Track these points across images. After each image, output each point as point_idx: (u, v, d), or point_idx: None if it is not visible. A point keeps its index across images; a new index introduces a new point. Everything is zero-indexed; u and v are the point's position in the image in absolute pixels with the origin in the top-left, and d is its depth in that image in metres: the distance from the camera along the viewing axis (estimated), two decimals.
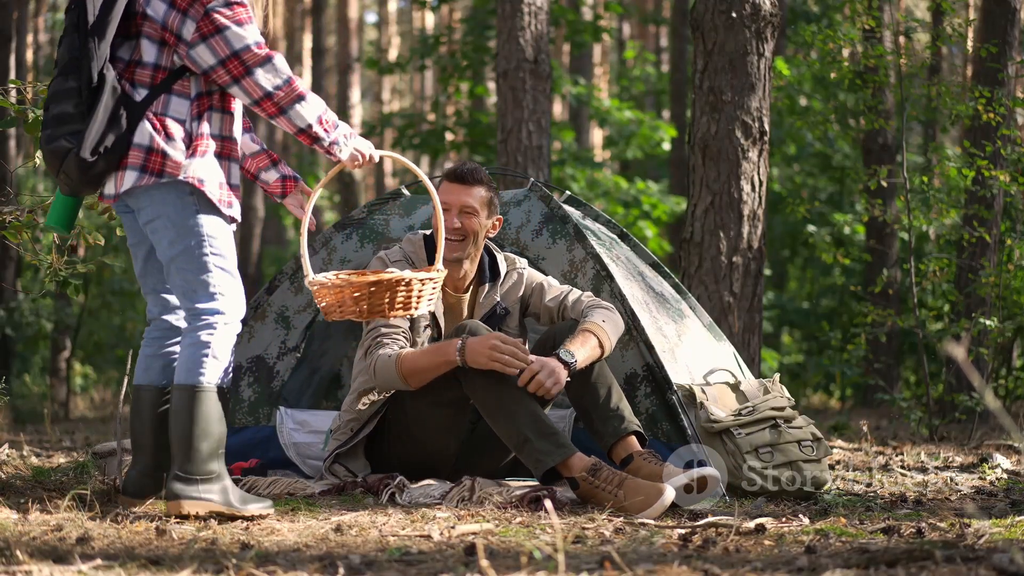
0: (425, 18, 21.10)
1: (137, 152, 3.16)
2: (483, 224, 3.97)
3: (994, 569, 2.30)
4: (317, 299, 3.44)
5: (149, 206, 3.22)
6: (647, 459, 3.59)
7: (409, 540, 2.89)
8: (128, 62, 3.21)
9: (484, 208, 3.97)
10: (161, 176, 3.17)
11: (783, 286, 15.17)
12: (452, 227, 3.91)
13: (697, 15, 5.66)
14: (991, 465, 4.69)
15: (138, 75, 3.20)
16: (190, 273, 3.23)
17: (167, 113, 3.20)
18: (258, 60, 3.18)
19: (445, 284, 4.01)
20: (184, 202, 3.21)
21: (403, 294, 3.39)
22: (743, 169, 5.58)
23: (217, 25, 3.15)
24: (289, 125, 3.23)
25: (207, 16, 3.15)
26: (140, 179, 3.17)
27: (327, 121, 3.26)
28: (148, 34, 3.21)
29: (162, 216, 3.21)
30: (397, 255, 4.02)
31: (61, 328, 10.29)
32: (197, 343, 3.22)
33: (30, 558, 2.46)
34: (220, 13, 3.15)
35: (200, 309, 3.23)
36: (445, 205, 3.94)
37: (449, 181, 4.00)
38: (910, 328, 6.96)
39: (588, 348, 3.73)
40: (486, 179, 4.02)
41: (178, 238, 3.22)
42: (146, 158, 3.16)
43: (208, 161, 3.23)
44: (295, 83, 3.21)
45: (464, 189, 3.96)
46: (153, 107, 3.19)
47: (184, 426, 3.22)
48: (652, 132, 12.83)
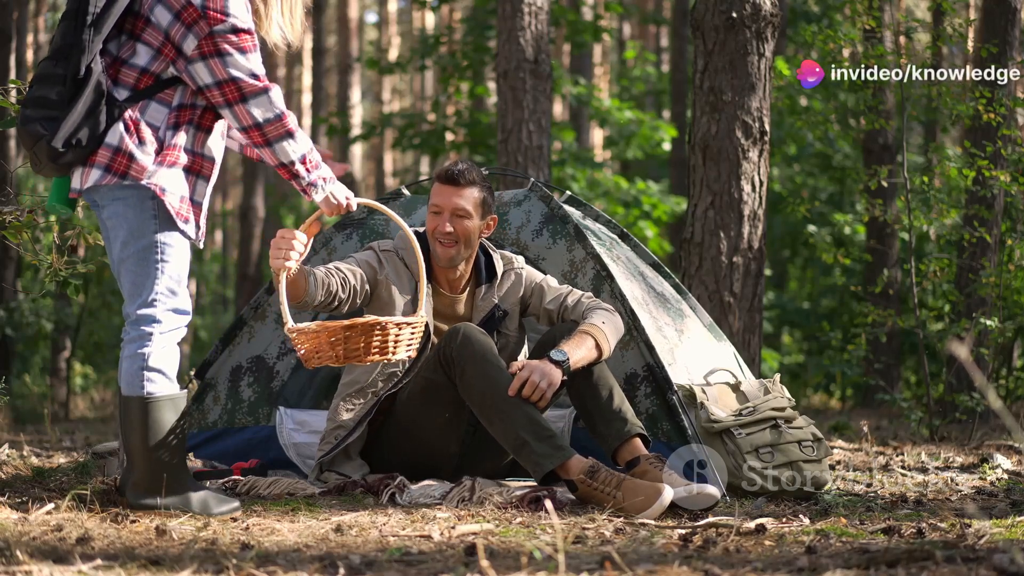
0: (425, 18, 21.10)
1: (105, 151, 3.15)
2: (476, 226, 3.90)
3: (995, 569, 2.30)
4: (296, 346, 3.36)
5: (110, 204, 3.21)
6: (653, 463, 3.56)
7: (409, 540, 2.89)
8: (115, 58, 3.19)
9: (477, 209, 3.89)
10: (124, 178, 3.16)
11: (783, 286, 15.18)
12: (444, 231, 3.84)
13: (697, 15, 5.66)
14: (992, 465, 4.69)
15: (123, 74, 3.19)
16: (136, 276, 3.21)
17: (143, 117, 3.18)
18: (254, 90, 3.18)
19: (440, 284, 3.98)
20: (143, 206, 3.19)
21: (379, 339, 3.32)
22: (743, 169, 5.58)
23: (219, 49, 3.16)
24: (272, 158, 3.24)
25: (211, 37, 3.15)
26: (103, 178, 3.16)
27: (310, 161, 3.27)
28: (146, 39, 3.19)
29: (119, 216, 3.20)
30: (388, 245, 3.97)
31: (61, 328, 10.29)
32: (134, 355, 3.21)
33: (30, 558, 2.46)
34: (225, 39, 3.16)
35: (138, 316, 3.22)
36: (436, 208, 3.87)
37: (440, 182, 3.89)
38: (910, 328, 6.95)
39: (584, 349, 3.70)
40: (479, 178, 3.92)
41: (130, 240, 3.20)
42: (112, 158, 3.15)
43: (175, 173, 3.21)
44: (287, 119, 3.22)
45: (456, 191, 3.87)
46: (131, 110, 3.18)
47: (137, 436, 3.21)
48: (652, 132, 12.83)
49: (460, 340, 3.65)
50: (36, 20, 15.88)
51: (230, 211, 21.59)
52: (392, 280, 3.89)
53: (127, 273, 3.23)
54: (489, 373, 3.58)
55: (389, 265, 3.91)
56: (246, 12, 3.21)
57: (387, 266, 3.90)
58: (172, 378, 3.25)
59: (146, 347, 3.20)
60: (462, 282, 3.99)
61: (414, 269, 3.90)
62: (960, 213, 7.49)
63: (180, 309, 3.26)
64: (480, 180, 3.91)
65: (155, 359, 3.21)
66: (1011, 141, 6.84)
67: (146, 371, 3.20)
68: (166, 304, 3.22)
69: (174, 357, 3.26)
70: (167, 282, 3.22)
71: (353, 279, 3.80)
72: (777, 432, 3.86)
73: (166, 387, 3.23)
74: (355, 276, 3.81)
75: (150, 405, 3.20)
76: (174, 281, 3.23)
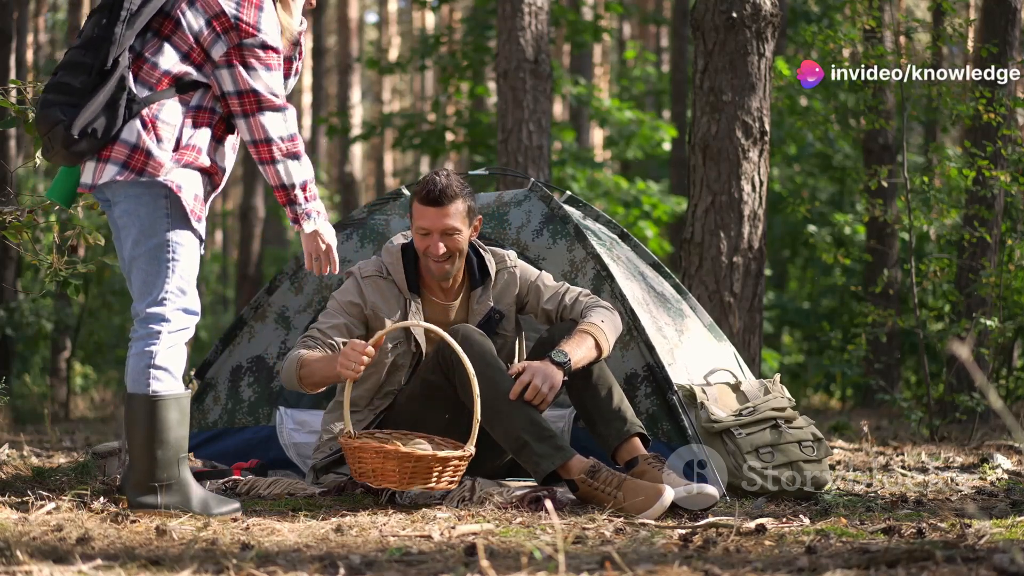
0: (425, 18, 21.10)
1: (122, 148, 3.17)
2: (466, 235, 3.82)
3: (995, 569, 2.30)
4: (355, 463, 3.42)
5: (123, 201, 3.22)
6: (652, 463, 3.56)
7: (409, 540, 2.89)
8: (139, 55, 3.22)
9: (465, 221, 3.79)
10: (141, 175, 3.18)
11: (784, 286, 15.17)
12: (437, 253, 3.76)
13: (698, 15, 5.65)
14: (992, 465, 4.69)
15: (144, 72, 3.21)
16: (147, 274, 3.22)
17: (160, 116, 3.20)
18: (272, 106, 3.24)
19: (433, 293, 3.92)
20: (157, 204, 3.20)
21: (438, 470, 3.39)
22: (743, 169, 5.58)
23: (246, 61, 3.22)
24: (274, 177, 3.27)
25: (240, 48, 3.21)
26: (120, 174, 3.18)
27: (310, 190, 3.31)
28: (175, 42, 3.22)
29: (132, 214, 3.22)
30: (369, 269, 3.89)
31: (61, 328, 10.28)
32: (141, 353, 3.22)
33: (30, 558, 2.46)
34: (253, 52, 3.22)
35: (148, 314, 3.22)
36: (424, 230, 3.77)
37: (423, 204, 3.75)
38: (911, 328, 6.95)
39: (584, 349, 3.69)
40: (459, 188, 3.78)
41: (142, 238, 3.22)
42: (130, 155, 3.17)
43: (190, 172, 3.23)
44: (297, 140, 3.27)
45: (441, 211, 3.74)
46: (149, 108, 3.19)
47: (139, 434, 3.22)
48: (652, 132, 12.82)
49: (459, 342, 3.64)
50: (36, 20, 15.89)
51: (230, 211, 21.58)
52: (379, 306, 3.84)
53: (138, 271, 3.23)
54: (488, 374, 3.57)
55: (372, 291, 3.85)
56: (277, 32, 3.28)
57: (370, 294, 3.84)
58: (178, 377, 3.25)
59: (153, 345, 3.21)
60: (455, 287, 3.96)
61: (400, 282, 3.85)
62: (960, 213, 7.49)
63: (189, 309, 3.26)
64: (460, 189, 3.79)
65: (162, 358, 3.21)
66: (1011, 141, 6.84)
67: (152, 369, 3.20)
68: (176, 303, 3.23)
69: (181, 357, 3.26)
70: (177, 281, 3.23)
71: (348, 335, 3.79)
72: (777, 432, 3.86)
73: (171, 386, 3.23)
74: (347, 331, 3.80)
75: (155, 404, 3.20)
76: (184, 280, 3.24)
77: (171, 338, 3.23)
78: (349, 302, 3.85)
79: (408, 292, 3.85)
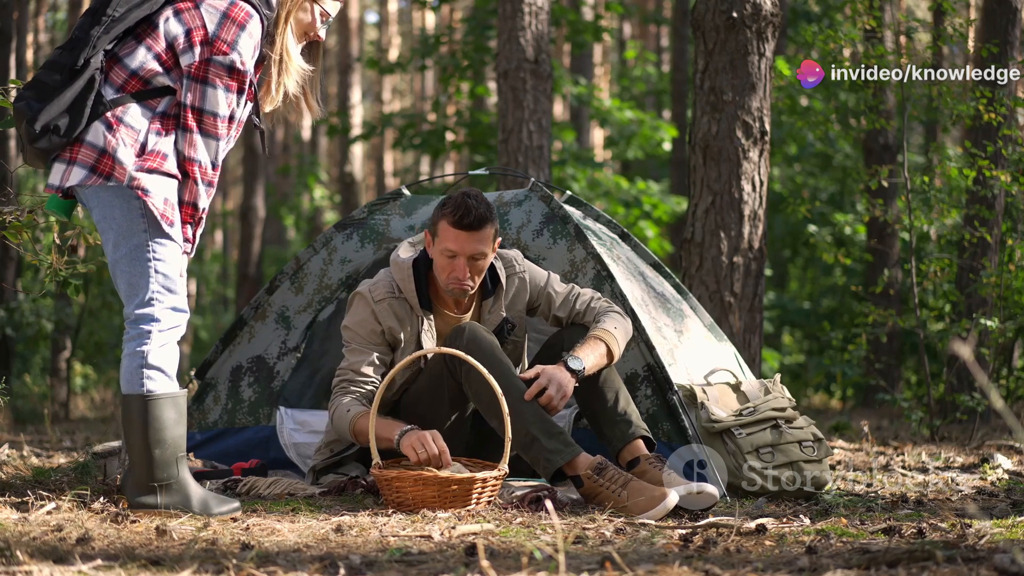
0: (425, 18, 21.10)
1: (89, 151, 3.19)
2: (490, 258, 3.78)
3: (995, 569, 2.30)
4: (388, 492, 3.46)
5: (98, 207, 3.24)
6: (653, 464, 3.58)
7: (410, 540, 2.89)
8: (111, 55, 3.23)
9: (491, 244, 3.75)
10: (108, 179, 3.19)
11: (784, 286, 15.17)
12: (464, 277, 3.71)
13: (698, 15, 5.65)
14: (992, 465, 4.69)
15: (114, 73, 3.24)
16: (131, 276, 3.23)
17: (125, 119, 3.21)
18: (211, 130, 3.26)
19: (446, 306, 3.89)
20: (131, 205, 3.21)
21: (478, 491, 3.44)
22: (744, 169, 5.58)
23: (207, 77, 3.23)
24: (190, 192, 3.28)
25: (206, 64, 3.23)
26: (88, 178, 3.19)
27: (205, 218, 3.35)
28: (148, 44, 3.24)
29: (108, 218, 3.23)
30: (380, 292, 3.81)
31: (61, 328, 10.27)
32: (134, 354, 3.23)
33: (30, 558, 2.46)
34: (217, 70, 3.23)
35: (137, 315, 3.23)
36: (451, 252, 3.69)
37: (456, 228, 3.67)
38: (911, 328, 6.95)
39: (597, 355, 3.72)
40: (488, 212, 3.71)
41: (121, 241, 3.22)
42: (98, 159, 3.19)
43: (159, 178, 3.23)
44: (216, 171, 3.30)
45: (473, 236, 3.68)
46: (114, 110, 3.20)
47: (137, 434, 3.22)
48: (653, 132, 12.82)
49: (466, 340, 3.65)
50: (36, 20, 15.89)
51: (230, 211, 21.58)
52: (395, 329, 3.81)
53: (122, 274, 3.24)
54: (496, 372, 3.58)
55: (386, 314, 3.80)
56: (251, 57, 3.28)
57: (384, 318, 3.80)
58: (172, 376, 3.25)
59: (145, 345, 3.21)
60: (468, 300, 3.93)
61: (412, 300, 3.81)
62: (961, 213, 7.49)
63: (178, 307, 3.27)
64: (489, 213, 3.71)
65: (154, 357, 3.21)
66: (1012, 141, 6.84)
67: (145, 369, 3.21)
68: (163, 303, 3.23)
69: (174, 356, 3.26)
70: (162, 280, 3.23)
71: (383, 366, 3.79)
72: (778, 432, 3.86)
73: (166, 385, 3.23)
74: (380, 363, 3.79)
75: (150, 403, 3.20)
76: (169, 279, 3.24)
77: (162, 337, 3.23)
78: (370, 331, 3.80)
79: (421, 310, 3.82)
